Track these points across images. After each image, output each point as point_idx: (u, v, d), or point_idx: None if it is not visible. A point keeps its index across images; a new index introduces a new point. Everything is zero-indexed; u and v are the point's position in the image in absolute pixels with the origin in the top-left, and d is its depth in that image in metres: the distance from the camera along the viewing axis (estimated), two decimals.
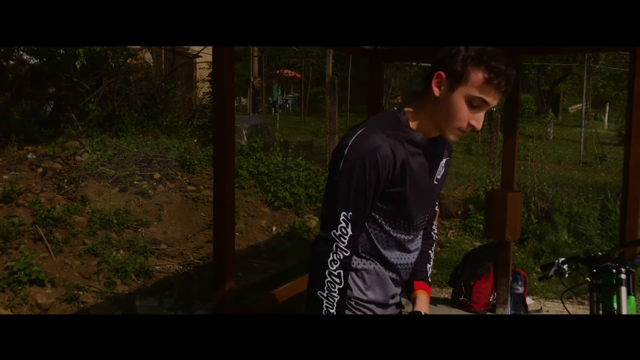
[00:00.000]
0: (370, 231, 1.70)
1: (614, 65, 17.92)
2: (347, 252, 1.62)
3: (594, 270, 2.21)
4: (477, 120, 1.57)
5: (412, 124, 1.64)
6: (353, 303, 1.72)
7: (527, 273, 5.45)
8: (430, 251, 1.95)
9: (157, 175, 6.93)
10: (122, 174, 6.70)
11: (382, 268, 1.74)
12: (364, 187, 1.56)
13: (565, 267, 2.31)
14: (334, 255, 1.60)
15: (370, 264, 1.73)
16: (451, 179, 9.45)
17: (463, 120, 1.57)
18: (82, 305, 4.56)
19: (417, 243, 1.82)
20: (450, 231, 7.53)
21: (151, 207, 6.33)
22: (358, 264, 1.72)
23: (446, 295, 5.18)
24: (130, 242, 5.60)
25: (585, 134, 12.96)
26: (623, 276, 2.12)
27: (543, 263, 2.42)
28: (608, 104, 21.58)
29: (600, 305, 2.20)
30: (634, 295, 2.30)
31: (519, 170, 7.34)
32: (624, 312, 2.08)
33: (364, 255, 1.72)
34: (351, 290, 1.72)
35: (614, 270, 2.14)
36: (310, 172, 8.41)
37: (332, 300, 1.63)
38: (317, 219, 7.46)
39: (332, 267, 1.61)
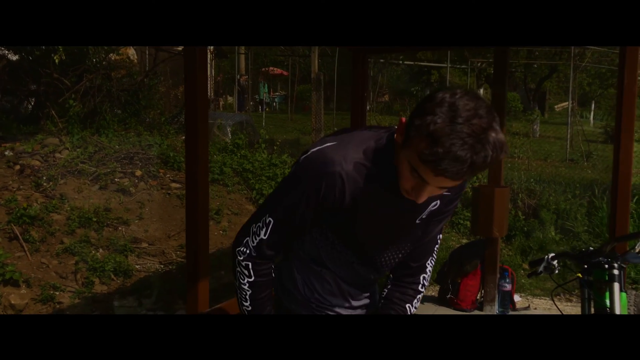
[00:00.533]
0: (320, 247, 1.54)
1: (599, 63, 18.01)
2: (254, 253, 1.48)
3: (585, 266, 2.12)
4: (417, 192, 1.28)
5: (397, 154, 1.35)
6: (314, 305, 1.60)
7: (515, 270, 5.38)
8: (407, 305, 1.61)
9: (138, 173, 6.79)
10: (102, 171, 6.54)
11: (336, 276, 1.60)
12: (297, 204, 1.40)
13: (555, 263, 2.22)
14: (243, 247, 1.49)
15: (324, 271, 1.58)
16: None
17: (405, 183, 1.29)
18: (57, 306, 4.42)
19: (375, 286, 1.65)
20: None
21: (132, 204, 6.19)
22: (315, 268, 1.59)
23: (433, 293, 5.09)
24: (110, 241, 5.45)
25: (571, 131, 12.99)
26: (616, 272, 2.03)
27: (532, 259, 2.34)
28: (593, 102, 21.70)
29: (592, 302, 2.12)
30: (625, 292, 2.22)
31: (505, 167, 7.29)
32: (617, 308, 2.00)
33: (314, 265, 1.58)
34: (311, 292, 1.59)
35: (607, 266, 2.05)
36: None
37: (244, 294, 1.51)
38: None
39: (240, 256, 1.50)
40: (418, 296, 1.63)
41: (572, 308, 4.88)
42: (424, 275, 1.62)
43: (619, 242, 2.31)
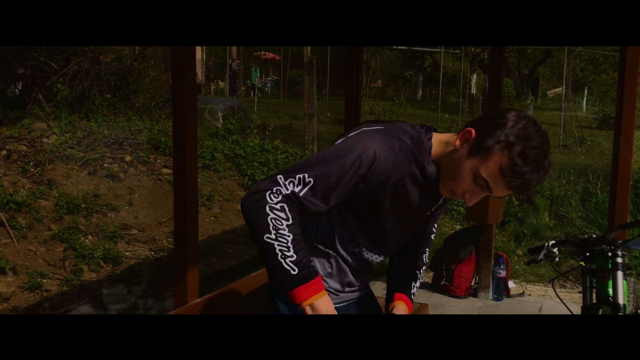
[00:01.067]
0: (335, 230, 1.53)
1: (592, 48, 17.94)
2: (289, 196, 1.35)
3: (587, 254, 2.06)
4: (472, 196, 1.42)
5: (433, 152, 1.45)
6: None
7: (509, 256, 5.35)
8: (417, 272, 1.77)
9: (128, 158, 6.68)
10: (91, 156, 6.43)
11: (340, 260, 1.58)
12: (343, 175, 1.36)
13: (555, 250, 2.16)
14: (274, 191, 1.34)
15: (330, 253, 1.56)
16: None
17: (460, 187, 1.41)
18: (45, 294, 4.33)
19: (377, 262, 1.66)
20: None
21: (122, 190, 6.09)
22: (321, 249, 1.55)
23: (427, 280, 5.05)
24: (99, 227, 5.36)
25: (565, 117, 12.95)
26: (619, 260, 1.98)
27: (530, 246, 2.27)
28: (586, 87, 21.67)
29: (594, 291, 2.07)
30: (625, 280, 2.17)
31: None
32: (620, 298, 1.95)
33: (321, 246, 1.55)
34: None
35: (610, 254, 2.00)
36: (289, 155, 8.21)
37: (285, 241, 1.33)
38: None
39: (273, 200, 1.33)
40: (423, 267, 1.78)
41: (566, 294, 4.85)
42: (425, 254, 1.79)
43: (624, 230, 2.26)
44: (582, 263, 2.06)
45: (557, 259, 2.15)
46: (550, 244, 2.16)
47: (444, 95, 18.16)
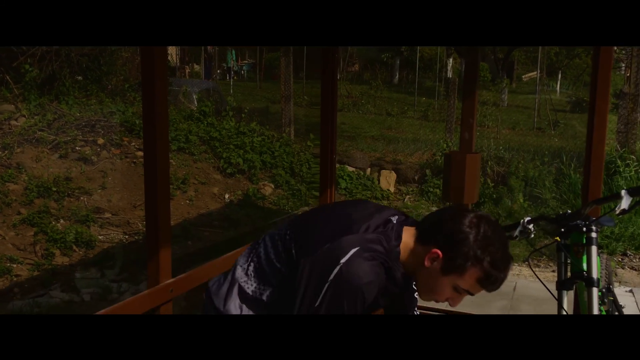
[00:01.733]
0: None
1: None
2: None
3: (562, 230, 2.07)
4: (455, 301, 1.52)
5: (401, 258, 1.51)
6: None
7: None
8: None
9: (100, 141, 6.54)
10: (62, 139, 6.28)
11: None
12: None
13: (530, 227, 2.16)
14: None
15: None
16: (408, 144, 9.35)
17: (442, 297, 1.51)
18: (15, 279, 4.23)
19: None
20: (407, 196, 7.44)
21: (94, 174, 5.96)
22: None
23: None
24: (71, 211, 5.25)
25: (539, 100, 13.08)
26: (594, 235, 1.99)
27: (506, 224, 2.28)
28: (560, 71, 21.92)
29: (569, 267, 2.08)
30: (599, 256, 2.19)
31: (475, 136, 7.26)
32: (594, 272, 1.96)
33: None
34: None
35: (584, 229, 2.01)
36: (265, 137, 8.13)
37: None
38: (273, 186, 7.23)
39: None
40: None
41: (540, 273, 4.92)
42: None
43: (598, 205, 2.27)
44: (557, 238, 2.06)
45: (532, 235, 2.15)
46: (525, 221, 2.16)
47: (420, 79, 18.20)
